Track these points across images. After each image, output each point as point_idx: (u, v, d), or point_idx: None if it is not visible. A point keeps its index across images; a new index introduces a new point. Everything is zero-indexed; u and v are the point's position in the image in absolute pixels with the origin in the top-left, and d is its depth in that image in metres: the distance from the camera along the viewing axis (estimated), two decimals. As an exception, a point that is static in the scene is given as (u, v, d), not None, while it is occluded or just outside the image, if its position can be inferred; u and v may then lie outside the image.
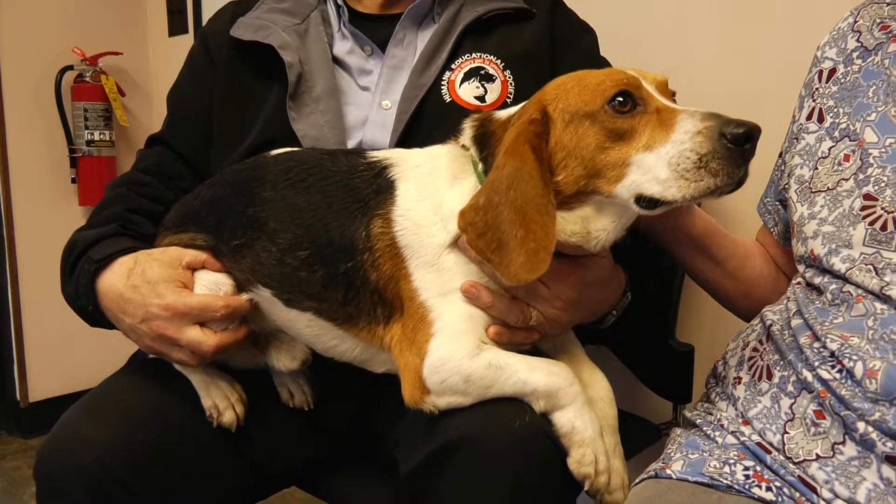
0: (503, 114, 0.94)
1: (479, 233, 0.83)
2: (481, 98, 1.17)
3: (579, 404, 0.86)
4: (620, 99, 0.83)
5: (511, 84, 1.19)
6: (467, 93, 1.18)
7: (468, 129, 0.95)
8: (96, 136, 2.75)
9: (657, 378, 1.54)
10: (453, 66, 1.20)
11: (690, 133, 0.79)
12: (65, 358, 2.85)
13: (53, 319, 2.74)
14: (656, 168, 0.80)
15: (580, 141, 0.84)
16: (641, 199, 0.83)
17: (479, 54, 1.21)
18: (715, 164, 0.77)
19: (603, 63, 1.26)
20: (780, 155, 1.09)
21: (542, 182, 0.82)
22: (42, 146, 2.76)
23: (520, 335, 0.93)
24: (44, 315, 2.78)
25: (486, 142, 0.92)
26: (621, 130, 0.83)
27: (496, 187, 0.83)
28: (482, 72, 1.19)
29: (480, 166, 0.92)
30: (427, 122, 1.15)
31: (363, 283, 0.93)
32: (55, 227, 2.73)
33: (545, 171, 0.83)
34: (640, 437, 1.46)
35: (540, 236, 0.81)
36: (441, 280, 0.90)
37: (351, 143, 1.19)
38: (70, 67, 2.75)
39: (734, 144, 0.77)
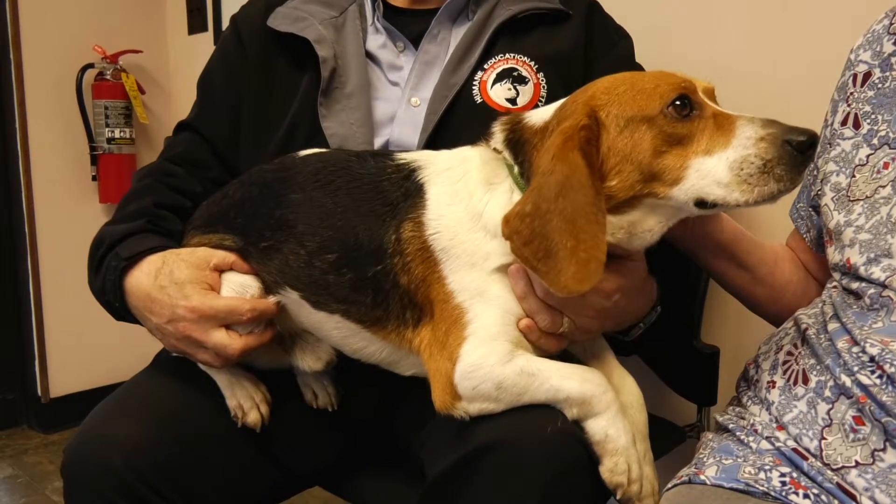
0: (535, 118, 0.93)
1: (525, 241, 0.81)
2: (513, 101, 1.16)
3: (613, 412, 0.85)
4: (679, 103, 0.82)
5: (544, 87, 1.17)
6: (499, 94, 1.16)
7: (499, 132, 0.94)
8: (117, 134, 2.76)
9: (682, 380, 1.52)
10: (486, 66, 1.18)
11: (753, 139, 0.80)
12: (85, 354, 2.87)
13: (74, 316, 2.76)
14: (717, 172, 0.80)
15: (636, 146, 0.82)
16: (703, 204, 0.82)
17: (512, 55, 1.19)
18: (780, 169, 0.78)
19: (638, 69, 1.24)
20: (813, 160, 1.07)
21: (594, 190, 0.81)
22: (63, 144, 2.77)
23: (548, 340, 0.92)
24: (65, 311, 2.80)
25: (519, 148, 0.91)
26: (680, 135, 0.82)
27: (544, 194, 0.81)
28: (515, 73, 1.17)
29: (516, 169, 0.91)
30: (456, 122, 1.14)
31: (393, 286, 0.92)
32: (76, 224, 2.76)
33: (596, 179, 0.82)
34: (664, 440, 1.45)
35: (590, 246, 0.80)
36: (479, 282, 0.89)
37: (378, 141, 1.18)
38: (91, 65, 2.76)
39: (798, 151, 0.78)
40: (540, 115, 0.93)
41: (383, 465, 1.25)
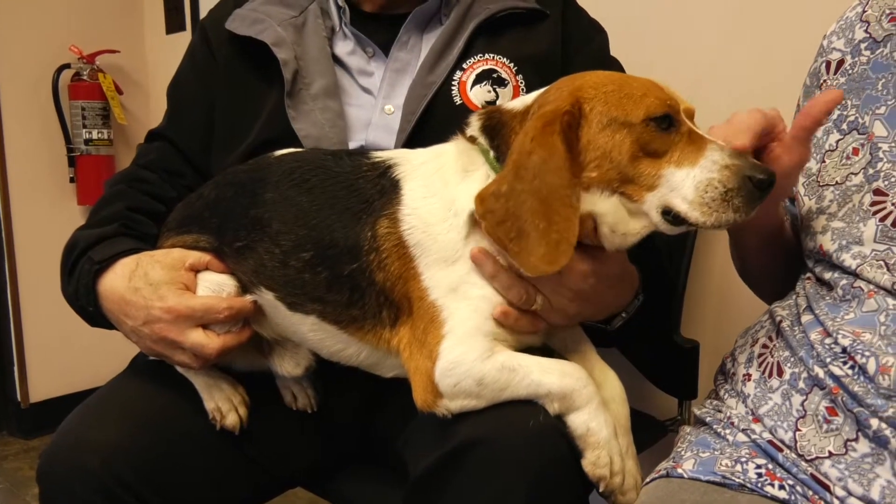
0: (516, 104, 0.93)
1: (498, 220, 0.82)
2: (492, 103, 1.14)
3: (594, 406, 0.86)
4: (661, 117, 0.84)
5: (523, 89, 1.16)
6: (478, 96, 1.15)
7: (476, 120, 0.94)
8: (94, 135, 2.73)
9: (662, 374, 1.53)
10: (465, 66, 1.17)
11: (718, 165, 0.82)
12: (65, 358, 2.84)
13: (53, 320, 2.73)
14: (684, 187, 0.82)
15: (615, 147, 0.83)
16: (668, 213, 0.84)
17: (491, 55, 1.18)
18: (738, 200, 0.81)
19: (614, 63, 1.25)
20: None
21: (570, 174, 0.82)
22: (40, 145, 2.74)
23: (525, 320, 0.91)
24: (43, 315, 2.76)
25: (497, 132, 0.91)
26: (655, 147, 0.84)
27: (520, 175, 0.82)
28: (494, 75, 1.16)
29: (492, 154, 0.91)
30: (436, 124, 1.12)
31: (369, 284, 0.92)
32: (54, 226, 2.73)
33: (573, 164, 0.83)
34: (645, 434, 1.44)
35: (562, 228, 0.81)
36: (452, 278, 0.89)
37: (353, 145, 1.17)
38: (67, 66, 2.73)
39: (757, 188, 0.81)
40: (521, 101, 0.93)
41: (366, 465, 1.24)
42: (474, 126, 0.94)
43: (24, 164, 2.71)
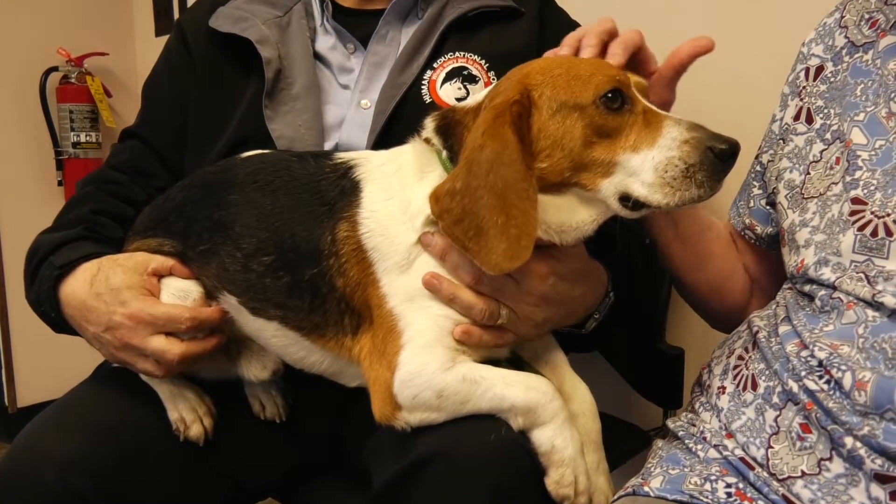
0: (468, 102, 0.91)
1: (455, 219, 0.79)
2: (462, 100, 1.13)
3: (559, 421, 0.82)
4: (611, 95, 0.80)
5: None
6: (449, 94, 1.13)
7: (430, 122, 0.92)
8: (82, 138, 2.72)
9: (647, 382, 1.50)
10: (435, 66, 1.16)
11: (678, 141, 0.79)
12: (53, 363, 2.80)
13: (41, 324, 2.68)
14: (642, 171, 0.79)
15: (567, 132, 0.80)
16: (626, 200, 0.81)
17: (462, 53, 1.17)
18: (700, 175, 0.78)
19: None
20: (757, 157, 1.05)
21: (524, 166, 0.79)
22: (27, 149, 2.72)
23: (491, 335, 0.88)
24: (31, 320, 2.67)
25: (450, 131, 0.89)
26: (609, 128, 0.80)
27: (475, 171, 0.78)
28: (465, 72, 1.15)
29: (445, 154, 0.88)
30: (406, 122, 1.09)
31: (329, 290, 0.89)
32: (42, 230, 2.70)
33: (527, 155, 0.80)
34: (629, 444, 1.42)
35: (521, 222, 0.78)
36: (409, 284, 0.86)
37: (328, 145, 1.15)
38: (55, 69, 2.72)
39: (719, 159, 0.78)
40: (473, 98, 0.91)
41: (336, 475, 1.22)
42: (428, 128, 0.91)
43: (12, 167, 2.70)
